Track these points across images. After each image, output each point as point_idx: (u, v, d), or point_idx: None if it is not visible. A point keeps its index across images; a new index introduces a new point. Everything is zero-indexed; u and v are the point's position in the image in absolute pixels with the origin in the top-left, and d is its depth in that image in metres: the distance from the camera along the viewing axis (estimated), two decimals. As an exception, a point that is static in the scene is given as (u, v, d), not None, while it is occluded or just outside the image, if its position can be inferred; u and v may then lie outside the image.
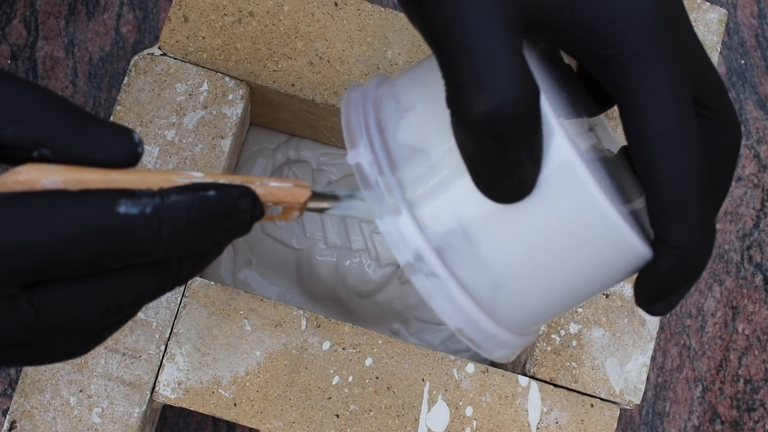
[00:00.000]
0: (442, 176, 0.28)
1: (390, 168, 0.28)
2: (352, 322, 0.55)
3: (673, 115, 0.26)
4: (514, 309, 0.29)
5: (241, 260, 0.57)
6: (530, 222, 0.28)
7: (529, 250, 0.28)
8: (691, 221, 0.27)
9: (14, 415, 0.45)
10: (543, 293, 0.29)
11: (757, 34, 0.67)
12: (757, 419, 0.61)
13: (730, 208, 0.64)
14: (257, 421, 0.46)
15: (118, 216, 0.24)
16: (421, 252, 0.27)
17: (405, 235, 0.27)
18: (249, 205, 0.26)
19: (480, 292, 0.28)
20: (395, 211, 0.27)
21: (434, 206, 0.28)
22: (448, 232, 0.28)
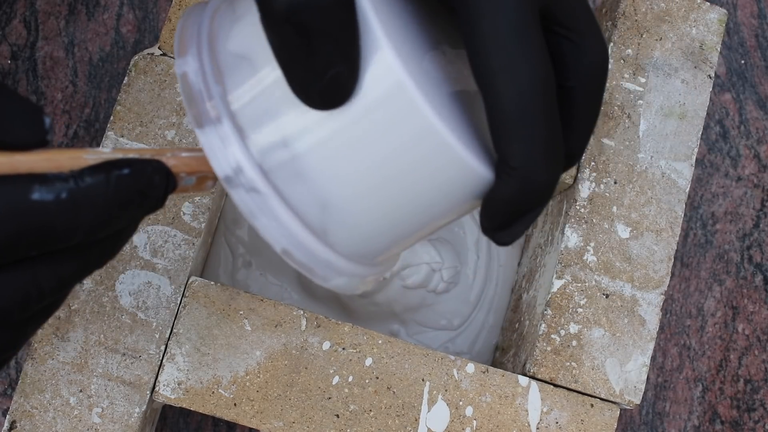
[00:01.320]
0: (264, 85, 0.26)
1: (215, 77, 0.26)
2: (352, 322, 0.55)
3: (511, 25, 0.24)
4: (347, 233, 0.27)
5: (241, 262, 0.57)
6: (353, 136, 0.26)
7: (355, 167, 0.26)
8: (531, 141, 0.25)
9: (14, 415, 0.45)
10: (377, 216, 0.27)
11: (757, 34, 0.67)
12: (757, 419, 0.61)
13: (730, 208, 0.64)
14: (257, 421, 0.46)
15: (33, 203, 0.23)
16: (240, 164, 0.26)
17: (225, 146, 0.25)
18: (163, 180, 0.26)
19: (308, 212, 0.26)
20: (216, 120, 0.26)
21: (257, 117, 0.26)
22: (272, 145, 0.26)
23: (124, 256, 0.47)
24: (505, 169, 0.26)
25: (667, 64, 0.52)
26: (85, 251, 0.25)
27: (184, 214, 0.48)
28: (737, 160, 0.65)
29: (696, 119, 0.52)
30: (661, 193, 0.51)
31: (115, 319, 0.46)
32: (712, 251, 0.63)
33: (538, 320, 0.50)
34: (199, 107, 0.26)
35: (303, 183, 0.26)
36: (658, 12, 0.53)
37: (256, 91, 0.26)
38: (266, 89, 0.26)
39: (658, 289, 0.50)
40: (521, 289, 0.57)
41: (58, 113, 0.60)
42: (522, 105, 0.24)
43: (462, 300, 0.59)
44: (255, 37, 0.26)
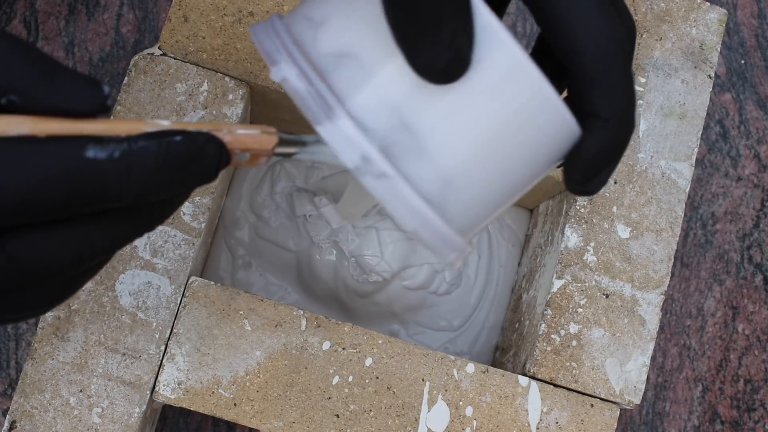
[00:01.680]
0: (372, 73, 0.27)
1: (318, 76, 0.27)
2: (352, 322, 0.55)
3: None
4: (462, 206, 0.29)
5: (241, 263, 0.57)
6: (469, 105, 0.27)
7: (471, 137, 0.28)
8: (618, 93, 0.28)
9: (14, 415, 0.45)
10: (488, 186, 0.29)
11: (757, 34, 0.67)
12: (757, 419, 0.61)
13: (730, 208, 0.64)
14: (257, 421, 0.46)
15: (87, 160, 0.24)
16: (366, 153, 0.27)
17: (348, 139, 0.27)
18: (215, 151, 0.27)
19: (430, 190, 0.28)
20: (333, 116, 0.27)
21: (371, 105, 0.27)
22: (390, 129, 0.27)
23: (123, 256, 0.47)
24: (596, 122, 0.29)
25: (667, 64, 0.52)
26: (135, 213, 0.27)
27: (184, 214, 0.48)
28: (737, 160, 0.65)
29: (696, 119, 0.52)
30: (661, 193, 0.51)
31: (115, 319, 0.46)
32: (712, 251, 0.63)
33: (538, 320, 0.50)
34: (312, 106, 0.27)
35: (424, 161, 0.27)
36: (658, 12, 0.53)
37: (365, 81, 0.27)
38: (376, 78, 0.27)
39: (658, 289, 0.50)
40: (521, 289, 0.57)
41: (58, 113, 0.60)
42: (610, 64, 0.28)
43: (463, 301, 0.59)
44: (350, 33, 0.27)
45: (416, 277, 0.57)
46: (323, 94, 0.27)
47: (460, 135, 0.28)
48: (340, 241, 0.56)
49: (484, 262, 0.59)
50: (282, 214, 0.57)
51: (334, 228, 0.56)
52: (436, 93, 0.27)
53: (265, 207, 0.57)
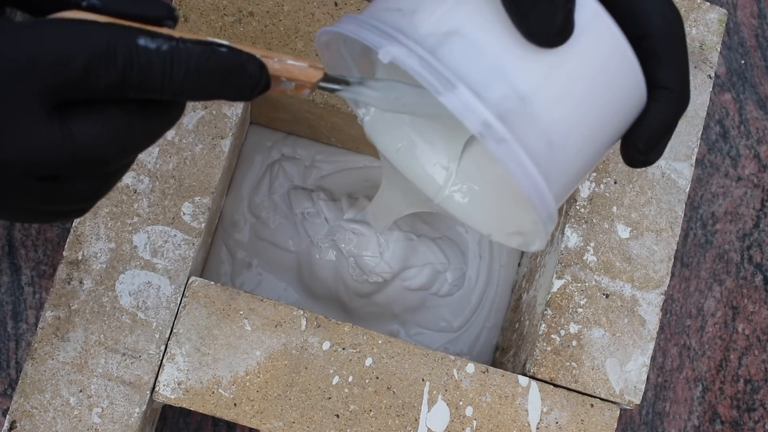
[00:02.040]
0: (482, 46, 0.29)
1: (428, 53, 0.29)
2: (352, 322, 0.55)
3: None
4: (561, 170, 0.31)
5: (240, 264, 0.57)
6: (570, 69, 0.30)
7: (572, 98, 0.30)
8: (683, 66, 0.32)
9: (14, 415, 0.45)
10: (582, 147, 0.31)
11: (757, 34, 0.67)
12: (757, 419, 0.61)
13: (730, 208, 0.64)
14: (257, 421, 0.46)
15: (138, 46, 0.27)
16: (487, 120, 0.29)
17: (469, 107, 0.29)
18: (255, 72, 0.29)
19: (539, 154, 0.30)
20: (452, 87, 0.29)
21: (484, 75, 0.29)
22: (504, 97, 0.29)
23: (124, 256, 0.47)
24: (663, 93, 0.31)
25: (667, 64, 0.52)
26: (173, 110, 0.30)
27: (184, 214, 0.48)
28: (737, 160, 0.65)
29: (696, 119, 0.52)
30: (661, 193, 0.51)
31: (115, 319, 0.46)
32: (712, 251, 0.63)
33: (538, 320, 0.50)
34: (429, 79, 0.29)
35: (533, 126, 0.30)
36: (658, 12, 0.53)
37: (474, 55, 0.29)
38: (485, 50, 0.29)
39: (658, 289, 0.50)
40: (521, 289, 0.57)
41: (58, 113, 0.60)
42: (676, 39, 0.31)
43: (463, 302, 0.59)
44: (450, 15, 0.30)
45: (417, 277, 0.57)
46: (437, 68, 0.29)
47: (563, 98, 0.30)
48: (338, 240, 0.56)
49: (485, 263, 0.59)
50: (280, 214, 0.57)
51: (332, 225, 0.56)
52: (541, 59, 0.30)
53: (263, 208, 0.57)
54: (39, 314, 0.57)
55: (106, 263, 0.47)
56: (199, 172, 0.48)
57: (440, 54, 0.30)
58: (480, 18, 0.30)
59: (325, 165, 0.59)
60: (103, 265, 0.47)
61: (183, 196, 0.48)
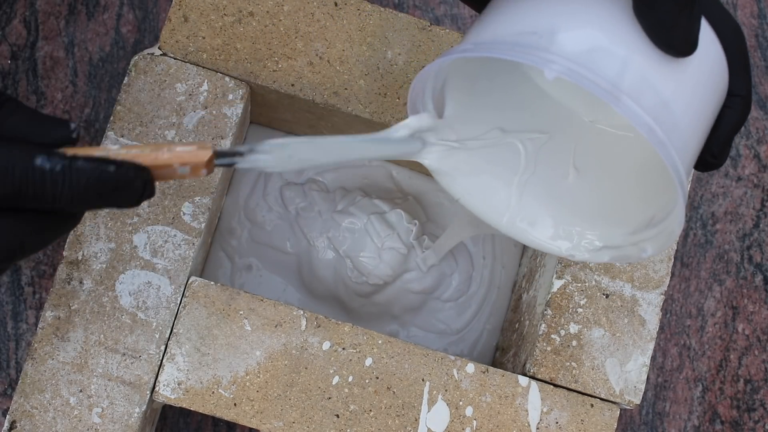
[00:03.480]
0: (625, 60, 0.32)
1: (584, 68, 0.32)
2: (353, 322, 0.55)
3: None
4: (688, 169, 0.34)
5: (241, 268, 0.57)
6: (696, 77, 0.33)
7: (697, 104, 0.33)
8: (749, 73, 0.35)
9: (14, 415, 0.45)
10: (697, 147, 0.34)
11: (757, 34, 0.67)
12: (757, 419, 0.61)
13: (730, 208, 0.64)
14: (257, 421, 0.46)
15: (34, 166, 0.31)
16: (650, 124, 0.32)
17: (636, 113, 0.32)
18: (140, 186, 0.32)
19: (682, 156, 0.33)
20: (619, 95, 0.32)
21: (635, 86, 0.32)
22: (654, 105, 0.32)
23: (124, 256, 0.47)
24: (735, 100, 0.35)
25: (667, 64, 0.52)
26: (69, 219, 0.33)
27: (184, 214, 0.48)
28: (737, 160, 0.65)
29: (696, 119, 0.52)
30: (661, 193, 0.51)
31: (115, 319, 0.46)
32: (712, 251, 0.63)
33: (538, 320, 0.50)
34: (600, 92, 0.32)
35: (677, 131, 0.33)
36: (658, 12, 0.53)
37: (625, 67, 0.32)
38: (632, 63, 0.32)
39: (658, 289, 0.50)
40: (521, 289, 0.57)
41: (58, 113, 0.60)
42: (744, 48, 0.35)
43: (465, 305, 0.59)
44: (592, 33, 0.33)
45: (421, 280, 0.57)
46: (599, 82, 0.32)
47: (691, 103, 0.33)
48: (333, 238, 0.56)
49: (488, 265, 0.59)
50: (275, 215, 0.57)
51: (325, 219, 0.56)
52: (675, 68, 0.33)
53: (258, 211, 0.57)
54: (39, 314, 0.57)
55: (106, 263, 0.47)
56: (199, 172, 0.48)
57: (595, 68, 0.32)
58: (621, 33, 0.32)
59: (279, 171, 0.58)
60: (103, 265, 0.47)
61: (183, 196, 0.48)
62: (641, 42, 0.32)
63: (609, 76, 0.32)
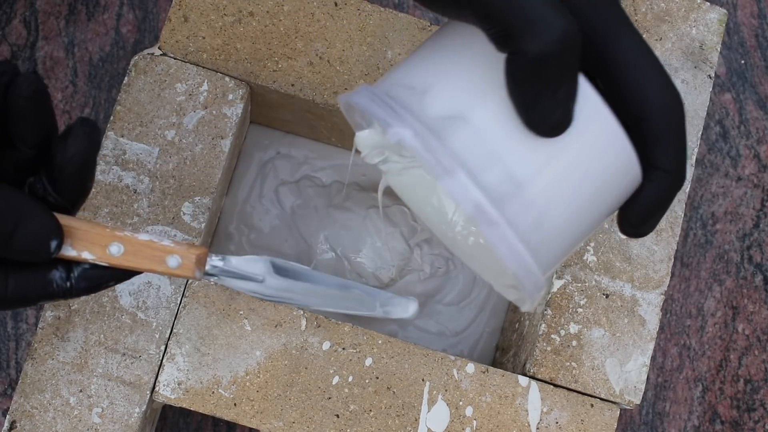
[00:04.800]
0: (483, 133, 0.31)
1: (433, 136, 0.31)
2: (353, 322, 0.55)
3: (655, 63, 0.32)
4: (550, 252, 0.32)
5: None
6: (566, 158, 0.31)
7: (567, 186, 0.32)
8: (681, 148, 0.32)
9: (14, 415, 0.45)
10: (571, 228, 0.32)
11: (757, 34, 0.67)
12: (757, 419, 0.61)
13: (730, 208, 0.64)
14: (257, 421, 0.46)
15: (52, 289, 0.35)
16: (479, 203, 0.30)
17: (465, 191, 0.30)
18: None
19: (529, 235, 0.31)
20: (451, 171, 0.30)
21: (483, 160, 0.31)
22: (500, 182, 0.31)
23: (124, 256, 0.47)
24: (658, 173, 0.32)
25: (667, 64, 0.52)
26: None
27: (184, 214, 0.48)
28: (737, 160, 0.65)
29: (696, 119, 0.52)
30: (661, 193, 0.51)
31: (115, 319, 0.46)
32: (712, 251, 0.63)
33: (538, 320, 0.50)
34: (432, 163, 0.30)
35: (525, 208, 0.31)
36: (658, 12, 0.53)
37: (476, 140, 0.31)
38: (486, 136, 0.31)
39: (658, 289, 0.50)
40: (521, 289, 0.57)
41: (58, 113, 0.60)
42: (675, 121, 0.32)
43: (465, 308, 0.58)
44: (461, 96, 0.32)
45: (424, 283, 0.57)
46: (439, 153, 0.31)
47: (558, 185, 0.31)
48: (329, 236, 0.56)
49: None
50: (272, 215, 0.57)
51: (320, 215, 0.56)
52: (540, 148, 0.31)
53: (255, 214, 0.57)
54: (39, 314, 0.57)
55: (106, 263, 0.47)
56: (199, 172, 0.48)
57: (444, 137, 0.31)
58: (485, 104, 0.31)
59: (318, 162, 0.58)
60: (103, 265, 0.47)
61: (183, 196, 0.48)
62: (512, 116, 0.31)
63: (456, 148, 0.31)
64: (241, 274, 0.36)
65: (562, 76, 0.30)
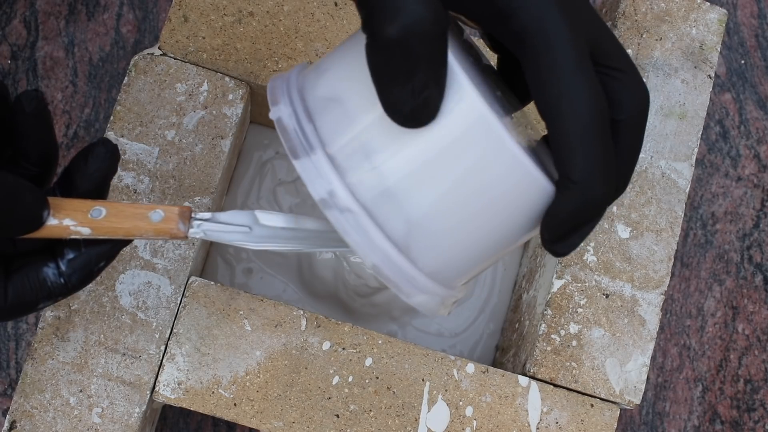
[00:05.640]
0: (352, 117, 0.30)
1: (307, 117, 0.30)
2: (353, 321, 0.55)
3: (571, 59, 0.29)
4: (428, 249, 0.30)
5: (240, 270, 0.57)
6: (435, 155, 0.29)
7: (435, 184, 0.30)
8: (590, 158, 0.29)
9: (14, 415, 0.45)
10: (454, 232, 0.30)
11: (757, 34, 0.67)
12: (757, 419, 0.61)
13: (730, 208, 0.64)
14: (257, 421, 0.46)
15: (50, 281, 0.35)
16: (333, 188, 0.29)
17: (319, 173, 0.29)
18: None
19: (394, 229, 0.30)
20: (311, 153, 0.29)
21: (347, 146, 0.30)
22: (361, 169, 0.29)
23: (124, 256, 0.47)
24: (566, 183, 0.29)
25: (667, 64, 0.52)
26: None
27: (184, 214, 0.48)
28: (737, 160, 0.65)
29: (696, 119, 0.52)
30: (661, 193, 0.51)
31: (115, 319, 0.46)
32: (712, 251, 0.63)
33: (538, 320, 0.50)
34: (293, 142, 0.30)
35: (390, 201, 0.29)
36: (658, 12, 0.53)
37: (344, 123, 0.30)
38: (354, 121, 0.30)
39: (658, 289, 0.50)
40: (521, 289, 0.57)
41: (58, 113, 0.60)
42: (583, 126, 0.29)
43: (466, 309, 0.58)
44: (341, 80, 0.30)
45: None
46: (307, 133, 0.30)
47: (425, 181, 0.29)
48: None
49: (490, 269, 0.59)
50: (269, 216, 0.57)
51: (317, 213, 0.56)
52: (405, 138, 0.29)
53: None
54: (39, 314, 0.57)
55: (106, 263, 0.47)
56: (199, 172, 0.48)
57: (319, 120, 0.30)
58: (359, 88, 0.30)
59: None
60: (103, 265, 0.47)
61: (183, 196, 0.48)
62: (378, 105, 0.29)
63: (325, 131, 0.30)
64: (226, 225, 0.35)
65: (417, 61, 0.28)
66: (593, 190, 0.29)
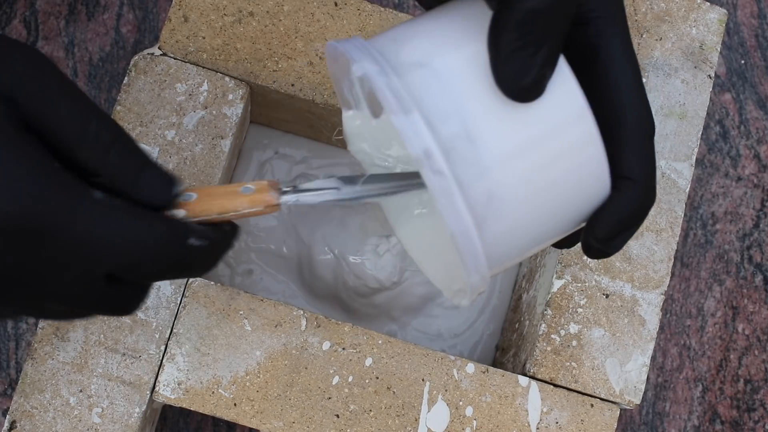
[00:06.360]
0: (447, 83, 0.30)
1: (396, 76, 0.30)
2: (354, 321, 0.55)
3: (635, 70, 0.32)
4: (497, 228, 0.31)
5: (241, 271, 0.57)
6: (530, 131, 0.30)
7: (524, 159, 0.30)
8: (649, 158, 0.32)
9: (14, 415, 0.45)
10: (527, 217, 0.31)
11: (757, 34, 0.67)
12: (757, 419, 0.61)
13: (730, 208, 0.64)
14: (257, 421, 0.46)
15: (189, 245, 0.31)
16: (429, 148, 0.29)
17: (417, 132, 0.30)
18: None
19: (476, 200, 0.30)
20: (407, 110, 0.30)
21: (442, 109, 0.30)
22: (455, 135, 0.30)
23: (124, 256, 0.47)
24: (627, 183, 0.31)
25: (667, 64, 0.52)
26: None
27: (184, 214, 0.48)
28: (737, 160, 0.65)
29: (696, 119, 0.52)
30: (661, 193, 0.51)
31: (115, 319, 0.46)
32: (712, 251, 0.63)
33: (538, 320, 0.50)
34: (390, 98, 0.30)
35: (477, 171, 0.30)
36: (658, 12, 0.53)
37: (437, 89, 0.30)
38: (449, 87, 0.30)
39: (658, 289, 0.50)
40: (521, 289, 0.57)
41: (58, 113, 0.60)
42: (645, 131, 0.32)
43: (466, 310, 0.58)
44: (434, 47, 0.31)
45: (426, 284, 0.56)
46: (400, 90, 0.30)
47: (515, 156, 0.30)
48: (326, 236, 0.55)
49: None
50: (270, 215, 0.57)
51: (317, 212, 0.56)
52: (504, 111, 0.30)
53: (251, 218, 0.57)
54: (39, 314, 0.57)
55: (106, 263, 0.47)
56: (199, 172, 0.48)
57: (408, 80, 0.31)
58: (456, 56, 0.31)
59: (315, 160, 0.58)
60: (103, 265, 0.47)
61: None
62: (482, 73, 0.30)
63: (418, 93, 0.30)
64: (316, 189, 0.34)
65: (546, 37, 0.29)
66: (651, 188, 0.32)
